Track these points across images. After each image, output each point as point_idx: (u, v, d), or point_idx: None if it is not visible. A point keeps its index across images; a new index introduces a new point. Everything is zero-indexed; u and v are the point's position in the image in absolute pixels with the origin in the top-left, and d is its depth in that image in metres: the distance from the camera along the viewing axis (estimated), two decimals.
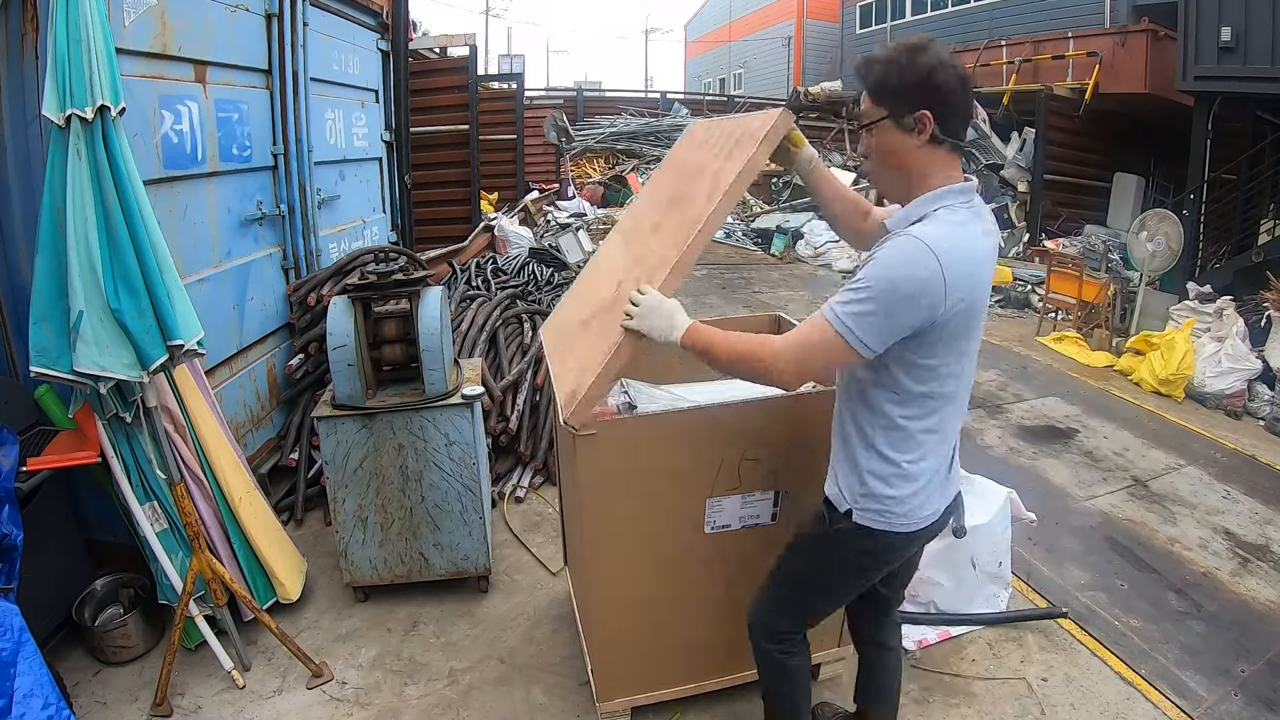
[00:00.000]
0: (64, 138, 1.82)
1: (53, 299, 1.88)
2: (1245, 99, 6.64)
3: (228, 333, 3.00)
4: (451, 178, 7.62)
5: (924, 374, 1.41)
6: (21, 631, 1.58)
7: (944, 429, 1.49)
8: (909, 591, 2.59)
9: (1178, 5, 6.88)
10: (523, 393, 3.56)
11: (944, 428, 1.49)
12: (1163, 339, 5.46)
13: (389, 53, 4.71)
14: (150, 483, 2.23)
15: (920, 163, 1.40)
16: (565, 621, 2.59)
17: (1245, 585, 2.99)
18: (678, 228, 1.79)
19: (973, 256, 1.35)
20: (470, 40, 8.08)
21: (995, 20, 14.21)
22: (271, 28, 3.26)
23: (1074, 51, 9.83)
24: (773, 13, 23.58)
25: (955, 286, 1.30)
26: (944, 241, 1.30)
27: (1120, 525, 3.42)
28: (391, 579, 2.67)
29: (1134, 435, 4.47)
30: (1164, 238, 5.98)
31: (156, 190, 2.44)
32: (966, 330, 1.40)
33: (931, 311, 1.30)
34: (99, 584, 2.48)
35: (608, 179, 13.31)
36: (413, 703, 2.25)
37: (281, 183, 3.39)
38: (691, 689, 2.17)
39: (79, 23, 1.80)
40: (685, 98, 19.54)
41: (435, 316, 2.63)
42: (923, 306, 1.30)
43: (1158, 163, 9.60)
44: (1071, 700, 2.31)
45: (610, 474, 1.84)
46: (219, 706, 2.21)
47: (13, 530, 1.86)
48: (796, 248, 9.80)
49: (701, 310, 6.88)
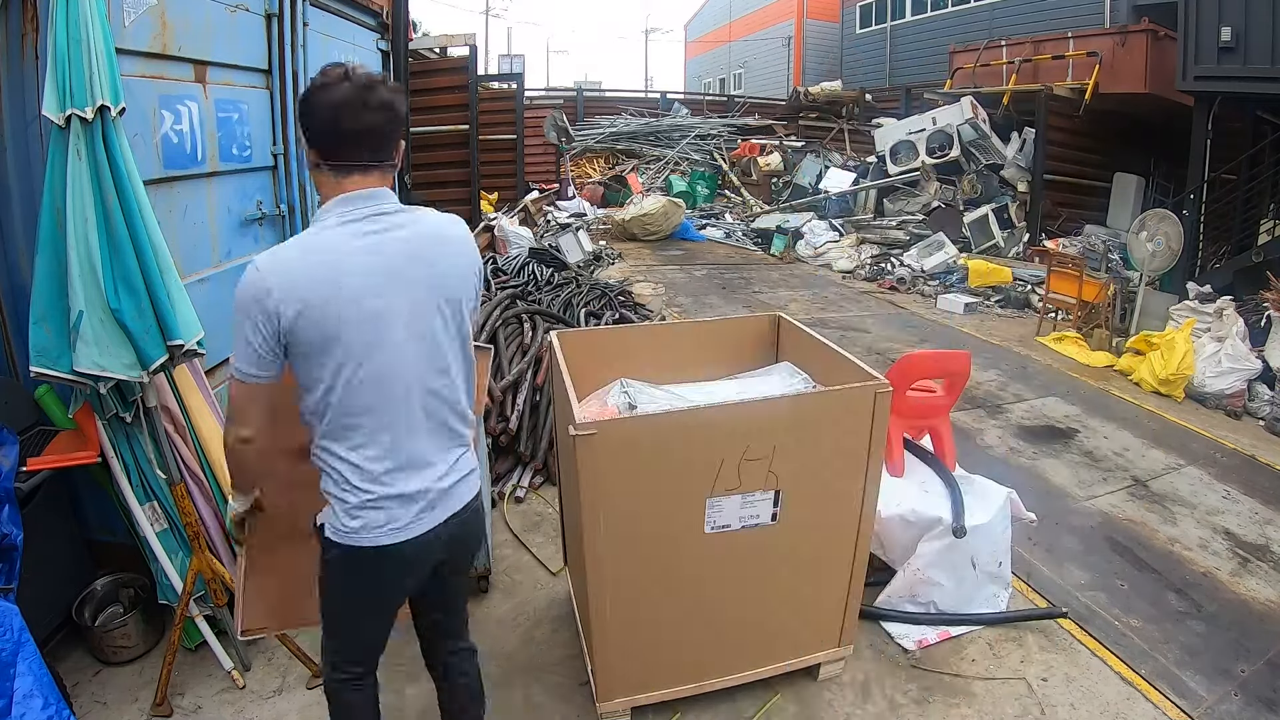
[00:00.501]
0: (64, 138, 1.82)
1: (53, 299, 1.88)
2: (1245, 99, 6.63)
3: (228, 333, 2.99)
4: (451, 178, 7.63)
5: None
6: (21, 631, 1.58)
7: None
8: (909, 591, 2.61)
9: (1178, 5, 6.87)
10: (523, 393, 3.56)
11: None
12: (1163, 339, 5.45)
13: (389, 53, 4.71)
14: (150, 483, 2.23)
15: (319, 187, 1.46)
16: (565, 621, 2.59)
17: (1245, 585, 2.99)
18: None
19: (308, 262, 1.37)
20: (470, 40, 8.08)
21: (995, 20, 14.20)
22: (271, 28, 3.25)
23: (1074, 51, 9.82)
24: (773, 13, 23.58)
25: (283, 295, 1.34)
26: (277, 253, 1.39)
27: (1120, 525, 3.42)
28: None
29: (1134, 435, 4.47)
30: (1164, 238, 5.97)
31: (156, 190, 2.44)
32: (330, 337, 1.38)
33: (268, 322, 1.36)
34: (99, 584, 2.48)
35: (608, 179, 13.32)
36: (413, 703, 2.25)
37: (281, 183, 3.38)
38: (691, 689, 2.17)
39: (79, 23, 1.80)
40: (685, 98, 19.52)
41: None
42: (260, 321, 1.37)
43: (1158, 163, 9.59)
44: (1071, 700, 2.31)
45: (610, 474, 1.84)
46: (219, 706, 2.21)
47: (13, 530, 1.85)
48: (796, 248, 9.80)
49: (702, 310, 6.88)
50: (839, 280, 8.59)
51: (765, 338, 2.60)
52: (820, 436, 2.00)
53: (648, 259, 9.29)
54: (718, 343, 2.57)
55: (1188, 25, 6.71)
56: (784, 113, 15.95)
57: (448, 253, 1.48)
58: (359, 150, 1.39)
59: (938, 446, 2.85)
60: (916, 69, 16.11)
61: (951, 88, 11.16)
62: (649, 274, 8.36)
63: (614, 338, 2.77)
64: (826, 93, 14.64)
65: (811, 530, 2.10)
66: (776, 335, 2.59)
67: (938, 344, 6.14)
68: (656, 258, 9.41)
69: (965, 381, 2.94)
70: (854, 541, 2.16)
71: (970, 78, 11.11)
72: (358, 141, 1.39)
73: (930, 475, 2.76)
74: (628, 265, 8.80)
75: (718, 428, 1.90)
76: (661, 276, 8.25)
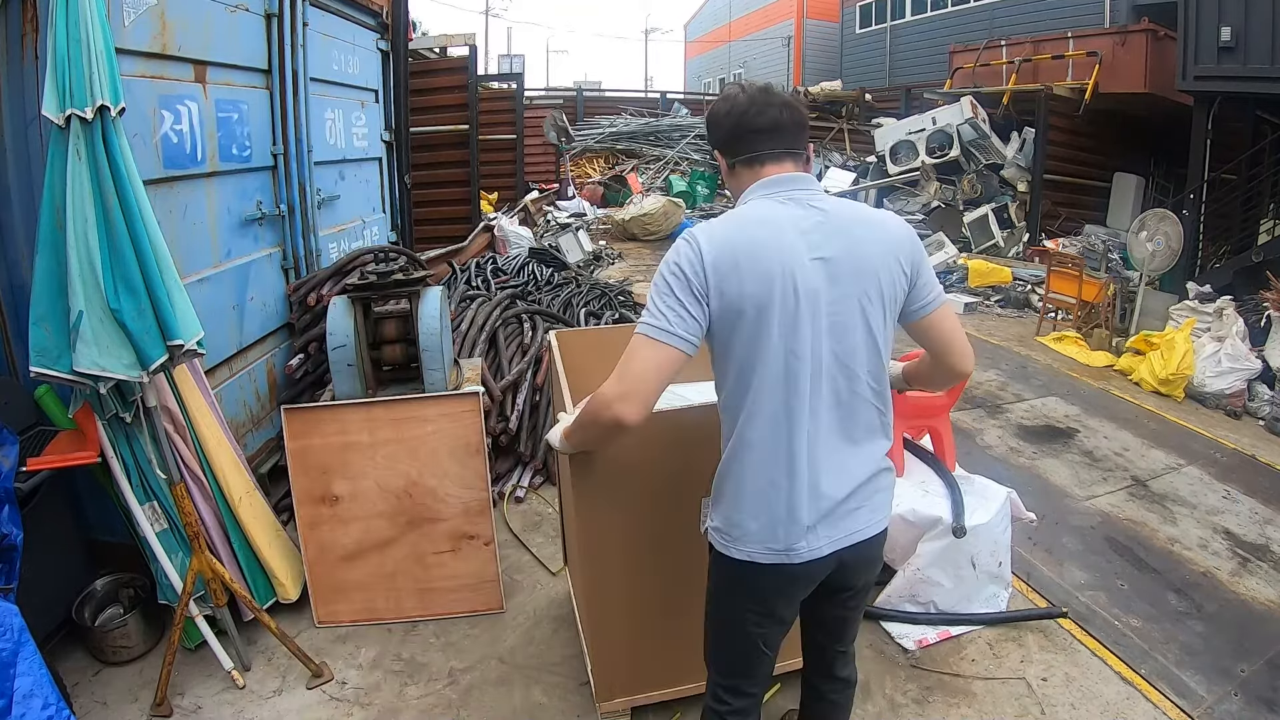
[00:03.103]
0: (64, 138, 1.82)
1: (53, 299, 1.88)
2: (1245, 99, 6.64)
3: (228, 333, 3.00)
4: (451, 178, 7.62)
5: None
6: (21, 631, 1.58)
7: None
8: (909, 591, 2.61)
9: (1178, 5, 6.87)
10: (523, 393, 3.56)
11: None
12: (1162, 339, 5.46)
13: (389, 53, 4.70)
14: (150, 483, 2.23)
15: (734, 185, 1.50)
16: (565, 621, 2.59)
17: (1245, 585, 2.99)
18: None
19: (742, 233, 1.35)
20: (470, 40, 8.07)
21: (995, 20, 14.20)
22: (271, 28, 3.25)
23: (1074, 51, 9.82)
24: (773, 13, 23.58)
25: (713, 259, 1.31)
26: (707, 227, 1.37)
27: (1120, 525, 3.42)
28: None
29: (1134, 435, 4.47)
30: (1164, 238, 5.98)
31: (156, 190, 2.44)
32: (738, 310, 1.33)
33: (696, 276, 1.33)
34: (99, 584, 2.48)
35: (607, 179, 13.32)
36: (413, 703, 2.25)
37: (281, 183, 3.38)
38: (692, 689, 2.16)
39: (79, 23, 1.80)
40: (685, 98, 19.54)
41: (435, 316, 2.63)
42: (687, 273, 1.33)
43: (1158, 163, 9.60)
44: (1071, 700, 2.31)
45: (609, 474, 1.84)
46: (219, 706, 2.21)
47: (13, 530, 1.85)
48: None
49: None
50: None
51: None
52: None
53: (648, 259, 9.29)
54: None
55: (1187, 25, 6.71)
56: None
57: (868, 236, 1.39)
58: (767, 140, 1.42)
59: (937, 446, 2.85)
60: (916, 69, 16.12)
61: (951, 88, 11.16)
62: (649, 274, 8.36)
63: (614, 337, 2.76)
64: (826, 93, 14.64)
65: None
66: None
67: None
68: (656, 258, 9.41)
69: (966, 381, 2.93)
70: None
71: (970, 78, 11.11)
72: (763, 132, 1.42)
73: (930, 475, 2.76)
74: (628, 265, 8.80)
75: (715, 427, 1.90)
76: None
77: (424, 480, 2.54)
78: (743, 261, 1.31)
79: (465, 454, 2.54)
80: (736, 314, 1.32)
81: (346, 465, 2.51)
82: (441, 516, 2.57)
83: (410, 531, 2.57)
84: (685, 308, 1.31)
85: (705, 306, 1.32)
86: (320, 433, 2.50)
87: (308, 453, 2.50)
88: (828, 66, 20.50)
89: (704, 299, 1.32)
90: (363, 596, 2.59)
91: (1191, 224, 6.78)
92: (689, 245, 1.34)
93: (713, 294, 1.31)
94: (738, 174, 1.47)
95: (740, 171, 1.46)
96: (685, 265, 1.32)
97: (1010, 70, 10.51)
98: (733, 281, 1.31)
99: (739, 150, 1.45)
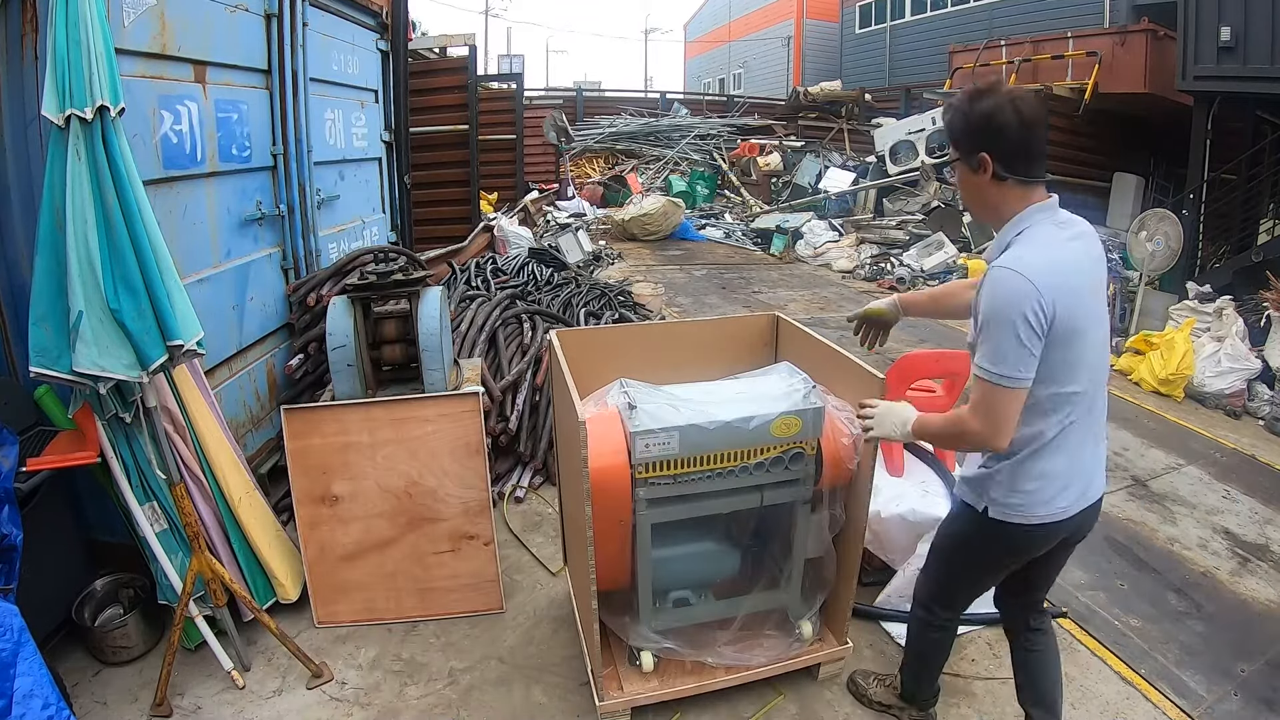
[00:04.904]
0: (63, 138, 1.82)
1: (52, 299, 1.88)
2: (1245, 99, 6.63)
3: (227, 333, 3.00)
4: (451, 178, 7.62)
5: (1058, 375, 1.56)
6: (21, 632, 1.58)
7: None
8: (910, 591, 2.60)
9: (1177, 5, 6.86)
10: (523, 393, 3.56)
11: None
12: (1162, 339, 5.46)
13: (389, 53, 4.70)
14: (150, 483, 2.23)
15: (994, 197, 1.59)
16: (565, 621, 2.59)
17: (1245, 585, 2.99)
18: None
19: (1059, 265, 1.51)
20: (470, 40, 8.07)
21: (995, 20, 14.21)
22: (271, 28, 3.25)
23: (1073, 51, 9.82)
24: (772, 13, 23.59)
25: (1051, 295, 1.46)
26: (1025, 260, 1.48)
27: (1120, 525, 3.42)
28: None
29: (1134, 435, 4.47)
30: (1164, 237, 5.97)
31: (156, 190, 2.44)
32: (1073, 330, 1.51)
33: (1040, 322, 1.47)
34: (99, 584, 2.48)
35: (607, 179, 13.32)
36: (413, 703, 2.25)
37: (281, 183, 3.38)
38: (692, 689, 2.17)
39: (78, 23, 1.80)
40: (685, 98, 19.53)
41: (435, 316, 2.64)
42: (1034, 322, 1.46)
43: (1158, 163, 9.59)
44: (1071, 700, 2.31)
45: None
46: (219, 706, 2.21)
47: (13, 530, 1.85)
48: (796, 247, 9.80)
49: (702, 310, 6.88)
50: (838, 280, 8.59)
51: (764, 337, 2.60)
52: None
53: (647, 259, 9.30)
54: (717, 342, 2.57)
55: (1187, 25, 6.71)
56: (783, 113, 15.95)
57: (1101, 258, 1.64)
58: (1042, 165, 1.57)
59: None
60: (916, 69, 16.13)
61: (951, 87, 11.15)
62: (648, 274, 8.37)
63: (613, 337, 2.76)
64: (826, 93, 14.64)
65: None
66: (775, 335, 2.60)
67: (937, 344, 6.13)
68: (656, 258, 9.41)
69: (966, 381, 2.93)
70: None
71: (970, 78, 11.08)
72: (1043, 158, 1.57)
73: (930, 475, 2.76)
74: (627, 265, 8.81)
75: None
76: (661, 276, 8.25)
77: (424, 480, 2.54)
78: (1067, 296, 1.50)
79: (465, 454, 2.54)
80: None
81: (346, 465, 2.51)
82: (441, 516, 2.57)
83: (410, 531, 2.57)
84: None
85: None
86: (320, 433, 2.50)
87: (308, 453, 2.50)
88: (828, 66, 20.51)
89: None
90: (362, 596, 2.59)
91: (1191, 224, 6.78)
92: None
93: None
94: (1007, 190, 1.56)
95: (1011, 189, 1.55)
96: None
97: (1010, 70, 10.49)
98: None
99: (1022, 169, 1.53)
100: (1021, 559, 1.76)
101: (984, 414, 1.53)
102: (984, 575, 1.87)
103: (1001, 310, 1.47)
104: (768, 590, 2.22)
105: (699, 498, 2.02)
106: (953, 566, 1.89)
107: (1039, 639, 1.96)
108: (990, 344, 1.50)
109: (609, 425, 1.98)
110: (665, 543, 2.09)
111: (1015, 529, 1.66)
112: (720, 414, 1.94)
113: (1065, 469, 1.63)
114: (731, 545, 2.25)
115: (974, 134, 1.54)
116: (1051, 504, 1.63)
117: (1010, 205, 1.57)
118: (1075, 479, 1.65)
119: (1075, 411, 1.60)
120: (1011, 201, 1.57)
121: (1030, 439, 1.61)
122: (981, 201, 1.61)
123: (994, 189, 1.57)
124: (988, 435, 1.54)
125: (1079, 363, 1.56)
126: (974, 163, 1.55)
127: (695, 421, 1.92)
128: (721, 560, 2.24)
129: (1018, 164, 1.53)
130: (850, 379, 2.09)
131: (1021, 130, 1.50)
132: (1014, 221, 1.57)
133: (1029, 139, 1.52)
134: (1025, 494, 1.64)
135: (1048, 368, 1.52)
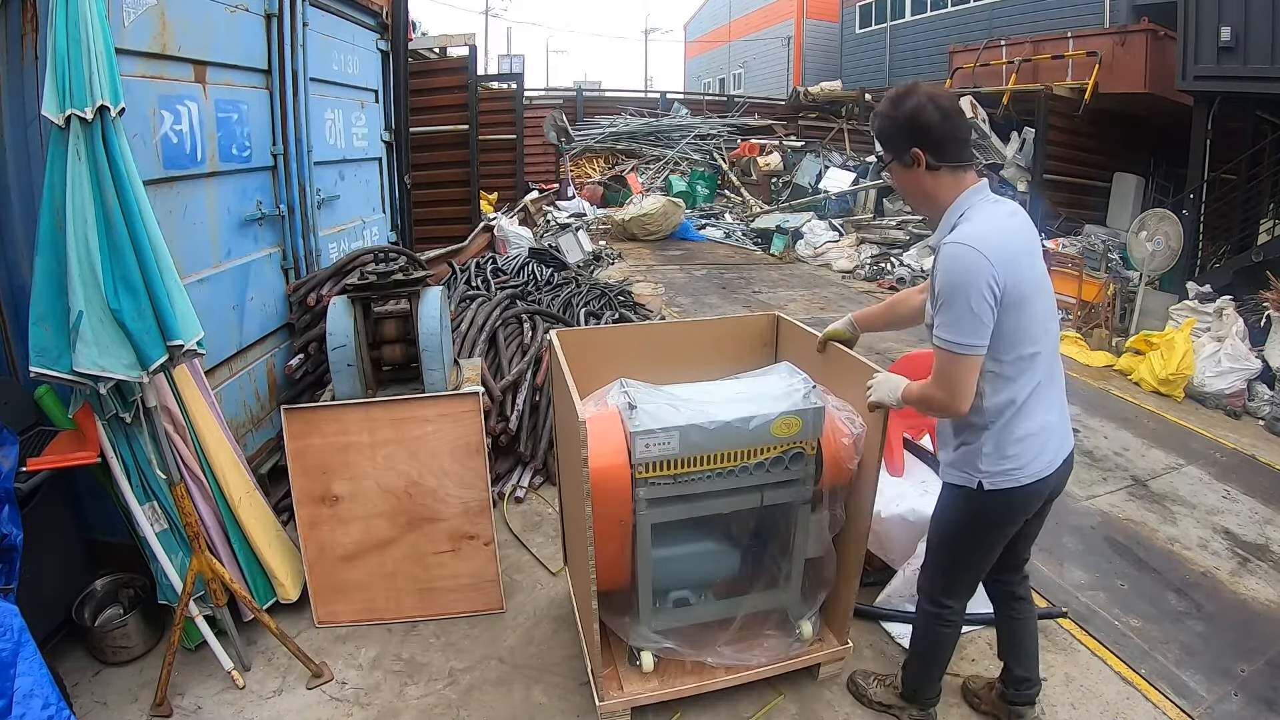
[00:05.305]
0: (64, 138, 1.82)
1: (52, 299, 1.88)
2: (1245, 99, 6.63)
3: (227, 333, 3.00)
4: (451, 178, 7.62)
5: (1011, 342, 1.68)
6: (21, 632, 1.58)
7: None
8: (909, 591, 2.60)
9: (1177, 5, 6.86)
10: (523, 393, 3.56)
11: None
12: (1162, 339, 5.45)
13: (389, 53, 4.70)
14: (150, 483, 2.23)
15: (930, 187, 1.72)
16: (565, 621, 2.59)
17: (1245, 585, 2.99)
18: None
19: (1004, 238, 1.63)
20: (470, 40, 8.07)
21: (995, 20, 14.20)
22: (271, 28, 3.25)
23: (1074, 51, 9.81)
24: (772, 13, 23.58)
25: (1003, 266, 1.58)
26: (975, 235, 1.60)
27: (1120, 525, 3.42)
28: None
29: (1134, 435, 4.47)
30: (1164, 237, 5.97)
31: (156, 190, 2.44)
32: (1021, 296, 1.63)
33: (994, 291, 1.58)
34: (99, 584, 2.48)
35: (607, 179, 13.32)
36: (413, 703, 2.25)
37: (281, 183, 3.38)
38: (692, 689, 2.17)
39: (79, 23, 1.80)
40: (685, 98, 19.52)
41: (435, 316, 2.64)
42: (987, 294, 1.58)
43: (1158, 163, 9.59)
44: (1071, 700, 2.31)
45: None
46: (219, 706, 2.21)
47: (13, 530, 1.85)
48: (796, 247, 9.80)
49: (702, 309, 6.88)
50: (839, 280, 8.59)
51: (764, 337, 2.60)
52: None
53: (647, 259, 9.30)
54: (717, 342, 2.57)
55: (1187, 25, 6.70)
56: (784, 113, 15.95)
57: (1034, 228, 1.78)
58: (968, 150, 1.72)
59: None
60: (916, 69, 16.10)
61: (951, 87, 11.15)
62: (649, 274, 8.37)
63: (613, 337, 2.76)
64: (826, 92, 14.64)
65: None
66: (776, 334, 2.60)
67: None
68: (656, 258, 9.42)
69: None
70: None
71: (970, 77, 11.10)
72: (967, 143, 1.71)
73: (930, 475, 2.76)
74: (627, 265, 8.80)
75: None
76: (661, 276, 8.25)
77: (424, 480, 2.54)
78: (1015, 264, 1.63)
79: (465, 454, 2.54)
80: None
81: (346, 465, 2.51)
82: (441, 516, 2.57)
83: (410, 531, 2.57)
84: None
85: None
86: (320, 433, 2.50)
87: (307, 453, 2.50)
88: (828, 66, 20.51)
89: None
90: (362, 596, 2.59)
91: (1191, 224, 6.77)
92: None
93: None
94: (941, 178, 1.69)
95: (944, 176, 1.69)
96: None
97: (1010, 70, 10.49)
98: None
99: (952, 155, 1.67)
100: (1018, 523, 1.88)
101: (943, 381, 1.67)
102: (987, 552, 1.92)
103: (957, 283, 1.59)
104: (768, 590, 2.22)
105: (699, 498, 2.02)
106: (955, 551, 1.94)
107: (1022, 607, 2.10)
108: (947, 315, 1.62)
109: (609, 425, 1.98)
110: (665, 543, 2.09)
111: (1012, 494, 1.77)
112: (720, 414, 1.94)
113: (1041, 427, 1.76)
114: (731, 545, 2.25)
115: (903, 133, 1.68)
116: (1038, 461, 1.77)
117: (947, 191, 1.71)
118: (1052, 436, 1.79)
119: (1039, 373, 1.73)
120: (947, 187, 1.71)
121: (1006, 406, 1.73)
122: (920, 193, 1.74)
123: (929, 179, 1.70)
124: (946, 400, 1.68)
125: (1031, 324, 1.68)
126: (907, 159, 1.69)
127: (695, 421, 1.92)
128: (721, 560, 2.24)
129: (947, 152, 1.67)
130: (850, 379, 2.09)
131: (944, 121, 1.65)
132: (954, 205, 1.70)
133: (952, 128, 1.66)
134: (1013, 458, 1.75)
135: (1005, 333, 1.65)
